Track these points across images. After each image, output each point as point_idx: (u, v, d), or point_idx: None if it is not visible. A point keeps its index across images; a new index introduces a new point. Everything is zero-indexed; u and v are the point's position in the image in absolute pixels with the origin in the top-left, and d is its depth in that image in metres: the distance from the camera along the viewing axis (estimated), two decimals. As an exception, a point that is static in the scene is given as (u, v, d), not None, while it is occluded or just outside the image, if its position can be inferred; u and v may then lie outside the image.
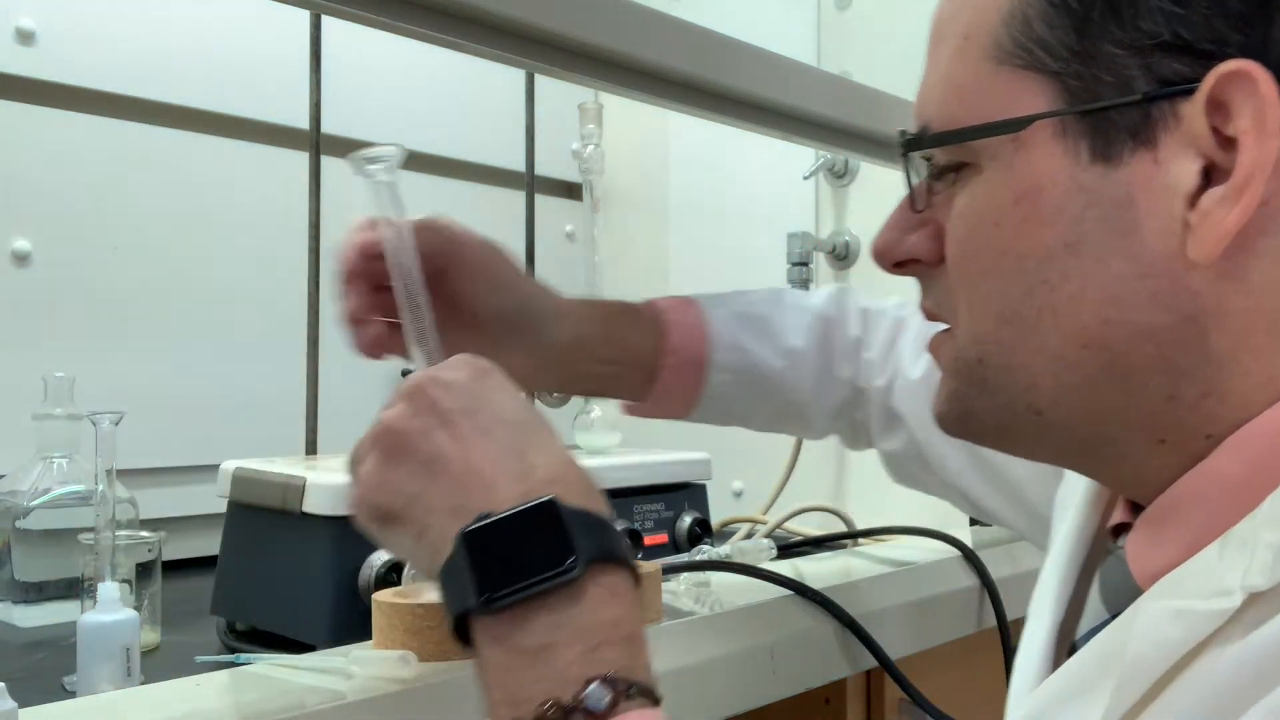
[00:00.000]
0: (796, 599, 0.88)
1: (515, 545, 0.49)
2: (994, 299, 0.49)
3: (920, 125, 0.52)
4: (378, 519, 0.55)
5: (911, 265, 0.55)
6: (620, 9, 0.86)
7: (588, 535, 0.50)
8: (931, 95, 0.52)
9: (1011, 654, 1.03)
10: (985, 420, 0.52)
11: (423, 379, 0.57)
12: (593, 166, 1.30)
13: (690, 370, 0.84)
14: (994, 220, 0.48)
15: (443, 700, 0.63)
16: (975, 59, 0.49)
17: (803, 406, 0.89)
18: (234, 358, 1.40)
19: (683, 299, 0.87)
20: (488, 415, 0.55)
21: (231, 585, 0.98)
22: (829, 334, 0.89)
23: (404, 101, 1.62)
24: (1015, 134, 0.47)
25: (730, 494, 1.70)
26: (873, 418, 0.90)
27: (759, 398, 0.87)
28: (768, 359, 0.86)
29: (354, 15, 0.73)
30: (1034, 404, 0.49)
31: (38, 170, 1.27)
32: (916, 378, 0.86)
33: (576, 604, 0.49)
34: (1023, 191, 0.47)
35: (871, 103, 1.13)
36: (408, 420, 0.55)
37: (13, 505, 1.01)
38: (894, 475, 0.94)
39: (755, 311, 0.88)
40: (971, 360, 0.51)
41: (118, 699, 0.64)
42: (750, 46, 0.98)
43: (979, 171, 0.49)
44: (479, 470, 0.53)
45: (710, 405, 0.86)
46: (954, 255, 0.51)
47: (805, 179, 1.67)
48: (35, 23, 1.26)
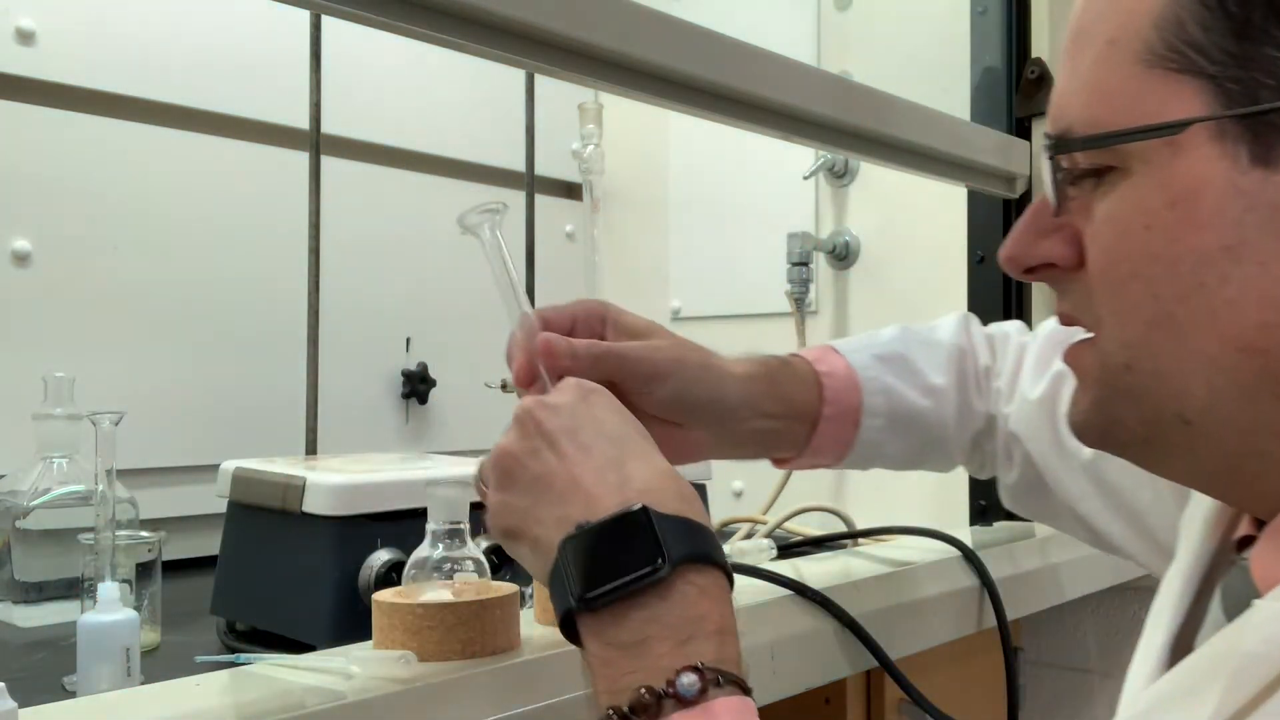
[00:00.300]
0: (796, 599, 0.88)
1: (609, 549, 0.54)
2: (1144, 304, 0.48)
3: (1060, 129, 0.51)
4: (504, 537, 0.61)
5: (1044, 271, 0.54)
6: (620, 9, 0.86)
7: (677, 538, 0.54)
8: (1074, 99, 0.51)
9: (1011, 654, 1.03)
10: (1131, 430, 0.51)
11: (531, 404, 0.62)
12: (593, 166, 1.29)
13: (846, 419, 0.84)
14: (1145, 224, 0.48)
15: (443, 700, 0.63)
16: (1123, 63, 0.48)
17: (945, 441, 0.89)
18: (234, 358, 1.40)
19: (823, 347, 0.87)
20: (589, 432, 0.59)
21: (231, 585, 0.98)
22: (964, 366, 0.89)
23: (404, 101, 1.62)
24: (1171, 137, 0.46)
25: (730, 494, 1.70)
26: (999, 446, 0.90)
27: (905, 437, 0.87)
28: (913, 398, 0.87)
29: (354, 15, 0.73)
30: (1183, 412, 0.48)
31: (38, 170, 1.27)
32: (1035, 398, 0.85)
33: (666, 601, 0.52)
34: (1178, 195, 0.47)
35: (871, 103, 1.13)
36: (518, 443, 0.60)
37: (13, 505, 1.01)
38: (1015, 507, 0.93)
39: (893, 351, 0.88)
40: (1119, 367, 0.50)
41: (118, 699, 0.64)
42: (750, 46, 0.98)
43: (1126, 175, 0.48)
44: (581, 483, 0.57)
45: (861, 451, 0.86)
46: (1099, 260, 0.50)
47: (805, 179, 1.67)
48: (35, 23, 1.26)
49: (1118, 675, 0.56)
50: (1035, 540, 1.24)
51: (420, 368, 1.60)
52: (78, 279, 1.29)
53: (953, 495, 1.44)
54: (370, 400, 1.57)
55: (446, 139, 1.69)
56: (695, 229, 1.84)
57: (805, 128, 1.07)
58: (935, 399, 0.88)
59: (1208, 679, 0.43)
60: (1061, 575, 1.20)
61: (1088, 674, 1.43)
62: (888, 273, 1.63)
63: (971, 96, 1.44)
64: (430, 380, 1.61)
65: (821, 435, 0.83)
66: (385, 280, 1.58)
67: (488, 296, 0.84)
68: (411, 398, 1.60)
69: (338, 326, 1.28)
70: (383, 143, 1.60)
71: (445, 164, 1.69)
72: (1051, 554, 1.21)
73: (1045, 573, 1.18)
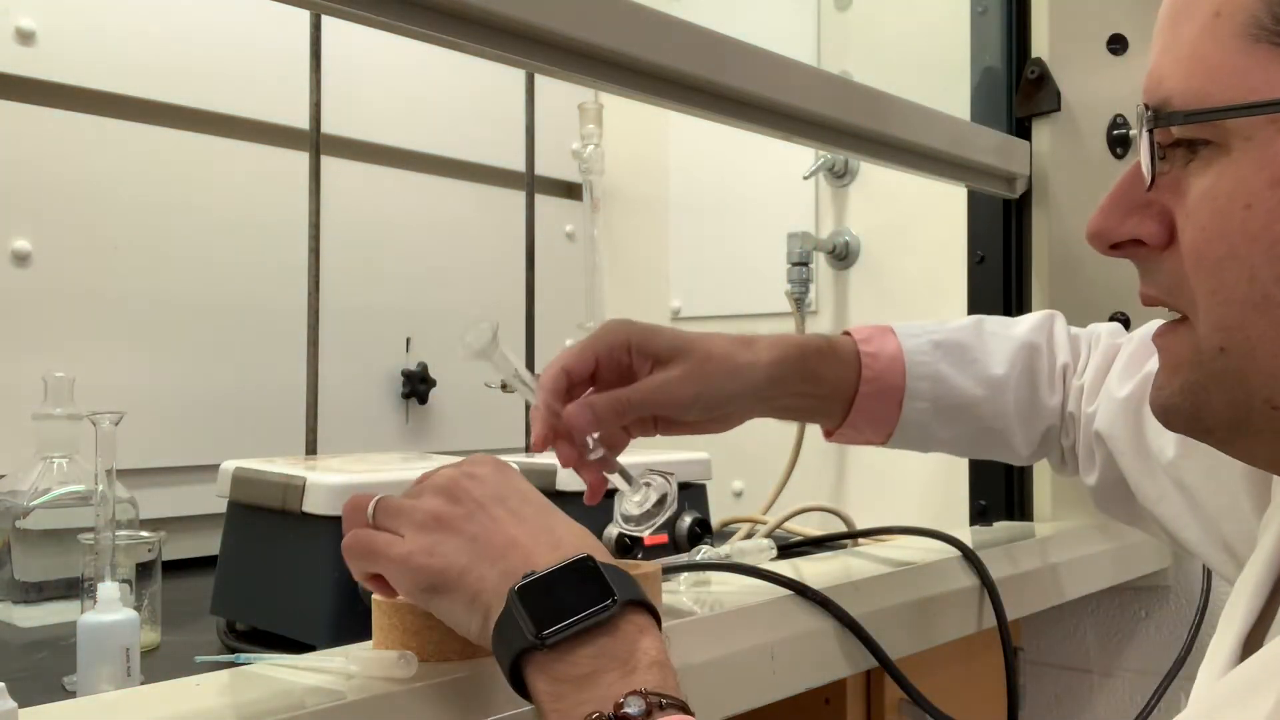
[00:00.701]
0: (796, 599, 0.88)
1: (561, 591, 0.57)
2: (1240, 285, 0.47)
3: (1158, 101, 0.50)
4: (428, 589, 0.62)
5: (1130, 247, 0.53)
6: (620, 9, 0.86)
7: (619, 583, 0.58)
8: (1174, 71, 0.49)
9: (1011, 654, 1.03)
10: (1219, 414, 0.51)
11: (454, 473, 0.65)
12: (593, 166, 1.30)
13: (886, 399, 0.87)
14: (1245, 203, 0.47)
15: (443, 700, 0.63)
16: (1228, 36, 0.47)
17: (1005, 433, 0.90)
18: (234, 358, 1.40)
19: (881, 328, 0.89)
20: (516, 500, 0.64)
21: (231, 585, 0.98)
22: (1033, 361, 0.90)
23: (404, 101, 1.62)
24: (1276, 114, 0.46)
25: (730, 494, 1.70)
26: (1079, 444, 0.90)
27: (957, 425, 0.89)
28: (966, 387, 0.88)
29: (354, 15, 0.73)
30: (1273, 398, 0.48)
31: (38, 170, 1.27)
32: (1121, 397, 0.85)
33: (613, 636, 0.56)
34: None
35: (871, 103, 1.13)
36: (449, 508, 0.63)
37: (13, 505, 1.01)
38: (1104, 509, 0.94)
39: (954, 339, 0.89)
40: (1214, 350, 0.49)
41: (118, 699, 0.64)
42: (750, 46, 0.98)
43: (1226, 152, 0.47)
44: (519, 542, 0.61)
45: (907, 432, 0.89)
46: (1195, 239, 0.49)
47: (805, 179, 1.67)
48: (35, 23, 1.26)
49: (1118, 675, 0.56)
50: (1035, 540, 1.24)
51: (420, 368, 1.60)
52: (78, 279, 1.29)
53: (953, 495, 1.45)
54: (370, 400, 1.57)
55: (446, 139, 1.69)
56: (695, 229, 1.84)
57: (805, 128, 1.07)
58: (992, 389, 0.89)
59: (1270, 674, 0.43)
60: (1061, 575, 1.20)
61: (1088, 674, 1.43)
62: (888, 273, 1.63)
63: (971, 96, 1.44)
64: (430, 380, 1.61)
65: (859, 411, 0.87)
66: (385, 280, 1.58)
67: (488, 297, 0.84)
68: (411, 398, 1.60)
69: (338, 326, 1.28)
70: (383, 143, 1.60)
71: (445, 164, 1.69)
72: (1051, 554, 1.21)
73: (1045, 573, 1.18)
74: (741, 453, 1.63)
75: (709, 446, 1.23)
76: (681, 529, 1.15)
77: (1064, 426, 0.92)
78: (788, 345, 0.84)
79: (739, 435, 0.90)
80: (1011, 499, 1.39)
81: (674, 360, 0.78)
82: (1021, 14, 1.41)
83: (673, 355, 0.78)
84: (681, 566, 0.93)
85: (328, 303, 1.17)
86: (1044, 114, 1.38)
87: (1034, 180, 1.39)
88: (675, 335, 0.80)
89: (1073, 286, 1.35)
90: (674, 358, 0.78)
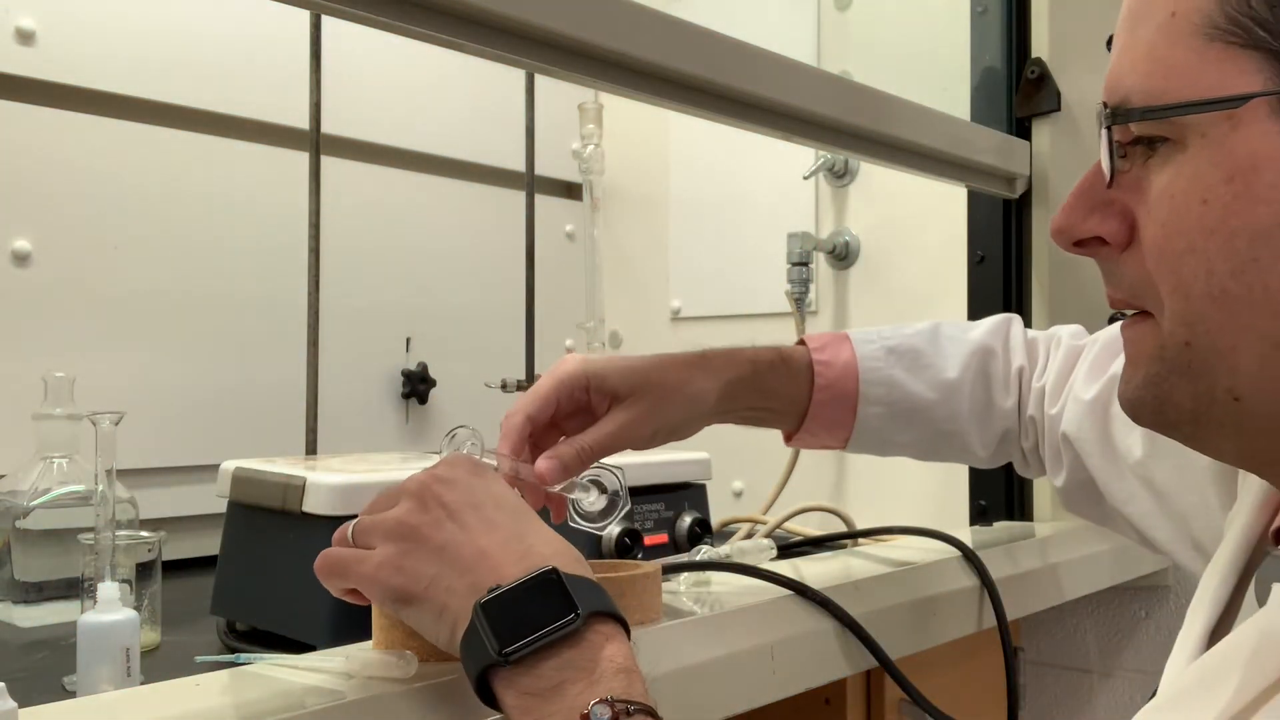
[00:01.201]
0: (796, 599, 0.88)
1: (524, 607, 0.57)
2: (1200, 278, 0.48)
3: (1117, 100, 0.51)
4: (397, 599, 0.62)
5: (1093, 245, 0.54)
6: (620, 9, 0.86)
7: (583, 594, 0.58)
8: (1133, 70, 0.50)
9: (1011, 654, 1.03)
10: (1183, 407, 0.51)
11: (426, 479, 0.64)
12: (593, 166, 1.30)
13: (841, 405, 0.90)
14: (1202, 198, 0.48)
15: (443, 700, 0.63)
16: (1184, 35, 0.48)
17: (961, 436, 0.92)
18: (234, 358, 1.40)
19: (837, 335, 0.91)
20: (488, 507, 0.63)
21: (231, 585, 0.98)
22: (988, 365, 0.92)
23: (404, 101, 1.62)
24: (1230, 111, 0.47)
25: (730, 494, 1.70)
26: (1045, 446, 0.92)
27: (913, 428, 0.91)
28: (920, 391, 0.90)
29: (354, 15, 0.73)
30: (1234, 388, 0.49)
31: (38, 170, 1.27)
32: (1088, 399, 0.86)
33: (578, 648, 0.57)
34: (1236, 170, 0.47)
35: (871, 103, 1.13)
36: (418, 515, 0.63)
37: (13, 505, 1.01)
38: (1072, 509, 0.95)
39: (908, 345, 0.91)
40: (1178, 344, 0.50)
41: (118, 699, 0.64)
42: (750, 46, 0.98)
43: (1182, 149, 0.48)
44: (487, 553, 0.60)
45: (864, 436, 0.91)
46: (1154, 235, 0.50)
47: (805, 179, 1.67)
48: (35, 23, 1.26)
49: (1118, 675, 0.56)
50: (1035, 540, 1.24)
51: (420, 368, 1.60)
52: (78, 279, 1.29)
53: (953, 495, 1.45)
54: (370, 400, 1.57)
55: (446, 139, 1.69)
56: (695, 229, 1.84)
57: (805, 128, 1.07)
58: (946, 393, 0.91)
59: (1230, 664, 0.44)
60: (1061, 575, 1.20)
61: (1088, 674, 1.43)
62: (888, 273, 1.63)
63: (971, 96, 1.44)
64: (430, 380, 1.61)
65: (814, 418, 0.90)
66: (385, 280, 1.58)
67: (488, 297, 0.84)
68: (411, 398, 1.60)
69: (338, 326, 1.28)
70: (383, 143, 1.60)
71: (445, 164, 1.69)
72: (1051, 554, 1.21)
73: (1045, 573, 1.18)
74: (741, 453, 1.64)
75: (709, 446, 1.23)
76: (681, 529, 1.15)
77: (1022, 429, 0.94)
78: (740, 364, 0.85)
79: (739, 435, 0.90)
80: (1011, 499, 1.39)
81: (631, 398, 0.80)
82: (1021, 14, 1.41)
83: (630, 392, 0.80)
84: (681, 566, 0.93)
85: (328, 302, 1.17)
86: (1044, 114, 1.38)
87: (1034, 180, 1.39)
88: (630, 371, 0.81)
89: (1072, 286, 1.35)
90: (631, 394, 0.80)
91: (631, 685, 0.56)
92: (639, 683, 0.57)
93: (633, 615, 0.76)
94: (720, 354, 0.85)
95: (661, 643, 0.75)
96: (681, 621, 0.79)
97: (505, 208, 1.64)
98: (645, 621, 0.77)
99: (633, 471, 1.14)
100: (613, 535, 1.08)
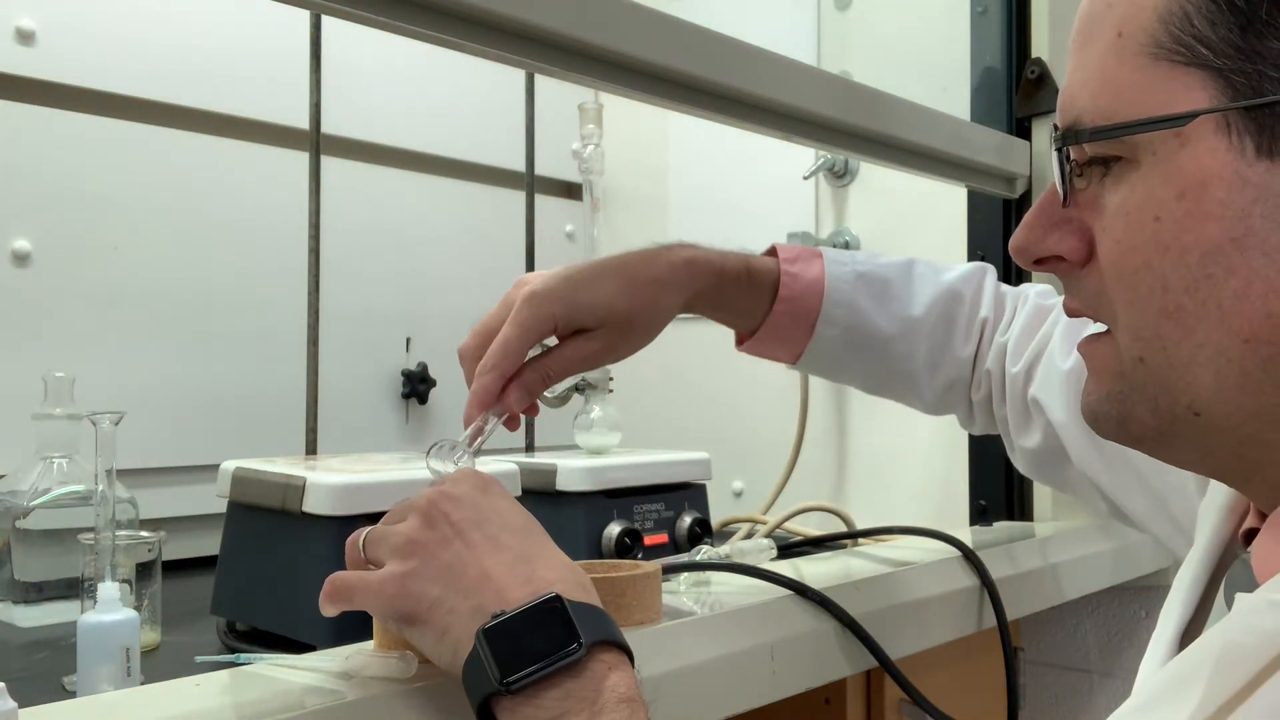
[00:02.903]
0: (796, 599, 0.88)
1: (527, 635, 0.57)
2: (1154, 295, 0.49)
3: (1069, 120, 0.52)
4: (404, 619, 0.62)
5: (1053, 263, 0.55)
6: (620, 9, 0.86)
7: (587, 623, 0.58)
8: (1083, 91, 0.51)
9: (1011, 654, 1.03)
10: (1145, 423, 0.52)
11: (435, 495, 0.64)
12: (593, 166, 1.30)
13: (800, 321, 0.88)
14: (1154, 215, 0.48)
15: (443, 700, 0.63)
16: (1131, 55, 0.49)
17: (912, 376, 0.92)
18: (234, 358, 1.40)
19: (810, 249, 0.90)
20: (494, 525, 0.63)
21: (231, 585, 0.98)
22: (953, 309, 0.91)
23: (404, 101, 1.62)
24: (1178, 129, 0.47)
25: (730, 494, 1.70)
26: (1008, 406, 0.91)
27: (865, 359, 0.90)
28: (880, 323, 0.89)
29: (354, 15, 0.73)
30: (1193, 404, 0.49)
31: (38, 170, 1.27)
32: (1066, 369, 0.86)
33: (580, 678, 0.56)
34: (1186, 187, 0.47)
35: (871, 103, 1.13)
36: (425, 532, 0.62)
37: (13, 505, 1.01)
38: (1033, 473, 0.94)
39: (880, 274, 0.90)
40: (1134, 359, 0.51)
41: (118, 699, 0.64)
42: (750, 46, 0.98)
43: (1135, 167, 0.49)
44: (492, 576, 0.60)
45: (816, 356, 0.90)
46: (1111, 252, 0.51)
47: (805, 179, 1.67)
48: (35, 23, 1.26)
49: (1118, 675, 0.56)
50: (1035, 540, 1.24)
51: (420, 368, 1.60)
52: (78, 279, 1.29)
53: (953, 495, 1.45)
54: (370, 400, 1.57)
55: (446, 139, 1.69)
56: (695, 229, 1.83)
57: (805, 128, 1.07)
58: (906, 329, 0.90)
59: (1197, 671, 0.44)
60: (1061, 575, 1.20)
61: (1088, 674, 1.43)
62: (888, 273, 1.63)
63: (971, 96, 1.44)
64: (430, 380, 1.61)
65: (770, 328, 0.89)
66: (385, 280, 1.58)
67: (488, 297, 0.85)
68: (411, 398, 1.60)
69: (338, 326, 1.28)
70: (383, 143, 1.60)
71: (445, 164, 1.69)
72: (1051, 554, 1.21)
73: (1045, 573, 1.18)
74: (741, 453, 1.64)
75: (709, 446, 1.23)
76: (681, 529, 1.15)
77: (975, 380, 0.93)
78: (707, 274, 0.85)
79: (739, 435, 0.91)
80: (1011, 499, 1.39)
81: (598, 331, 0.80)
82: (1021, 14, 1.41)
83: (599, 324, 0.80)
84: (681, 566, 0.93)
85: (328, 302, 1.17)
86: (1044, 114, 1.38)
87: (1034, 180, 1.39)
88: (596, 302, 0.80)
89: (1073, 286, 1.35)
90: (600, 325, 0.80)
91: (634, 715, 0.56)
92: (641, 712, 0.57)
93: (633, 615, 0.76)
94: (686, 261, 0.84)
95: (661, 643, 0.75)
96: (681, 621, 0.79)
97: (505, 208, 1.64)
98: (645, 621, 0.77)
99: (633, 472, 1.14)
100: (612, 535, 1.08)
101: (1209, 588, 0.56)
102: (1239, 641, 0.42)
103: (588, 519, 1.09)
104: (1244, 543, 0.54)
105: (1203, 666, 0.43)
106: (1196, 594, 0.56)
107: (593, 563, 0.84)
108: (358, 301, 1.50)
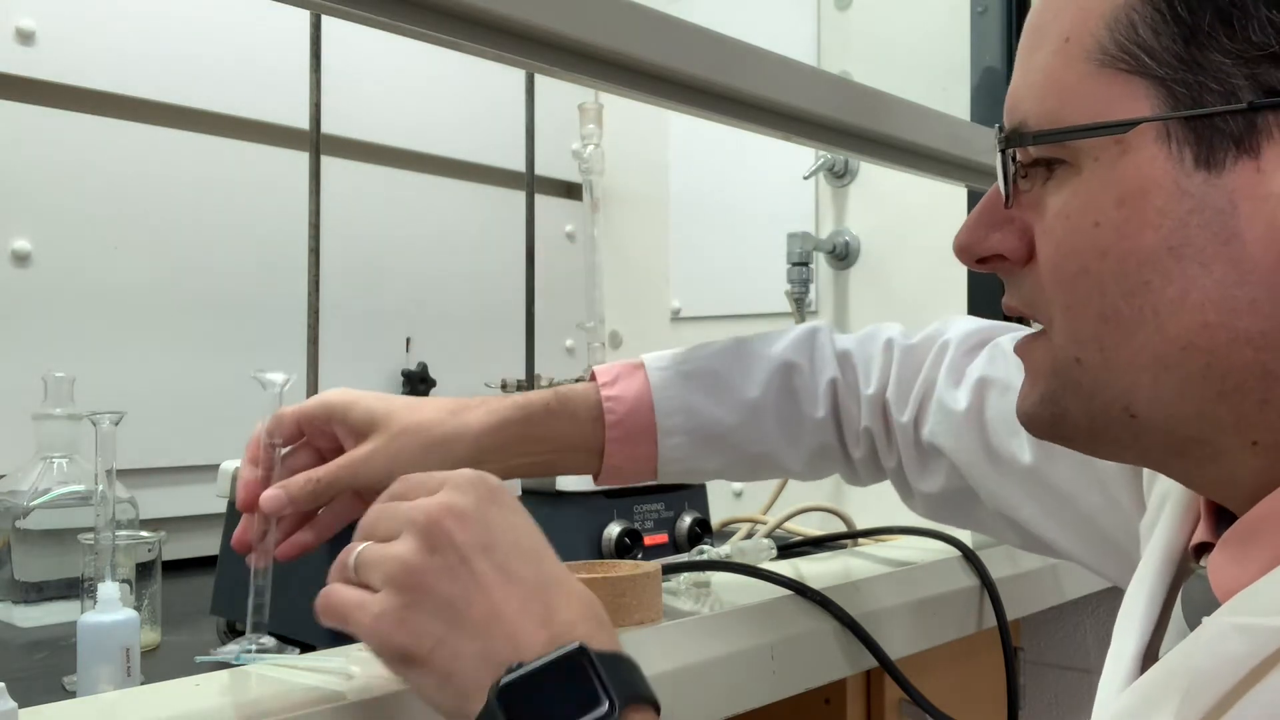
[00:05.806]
0: (796, 599, 0.88)
1: (549, 695, 0.51)
2: (1093, 299, 0.49)
3: (1014, 122, 0.52)
4: (400, 659, 0.56)
5: (995, 262, 0.55)
6: (620, 9, 0.85)
7: (616, 679, 0.52)
8: (1029, 93, 0.52)
9: (1011, 654, 1.03)
10: (1078, 423, 0.52)
11: (437, 511, 0.57)
12: (593, 166, 1.30)
13: (640, 439, 0.84)
14: (1094, 220, 0.48)
15: (443, 700, 0.63)
16: (1077, 60, 0.49)
17: (772, 456, 0.88)
18: (234, 358, 1.40)
19: (631, 364, 0.86)
20: (504, 548, 0.57)
21: (231, 585, 0.98)
22: (791, 381, 0.87)
23: (404, 101, 1.62)
24: (1119, 136, 0.47)
25: (730, 494, 1.70)
26: (903, 456, 0.87)
27: (719, 452, 0.87)
28: (719, 415, 0.85)
29: (354, 15, 0.73)
30: (1129, 406, 0.49)
31: (38, 170, 1.27)
32: (961, 410, 0.83)
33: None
34: (1126, 193, 0.47)
35: (871, 103, 1.13)
36: (425, 558, 0.56)
37: (13, 505, 1.01)
38: (935, 516, 0.91)
39: (706, 367, 0.87)
40: (1070, 360, 0.51)
41: (118, 699, 0.64)
42: (750, 46, 0.97)
43: (1077, 171, 0.49)
44: (503, 615, 0.54)
45: (670, 467, 0.86)
46: (1050, 255, 0.51)
47: (805, 179, 1.67)
48: (35, 23, 1.26)
49: (1118, 675, 0.56)
50: (1035, 540, 1.24)
51: (420, 368, 1.60)
52: (78, 279, 1.29)
53: (953, 495, 1.45)
54: (370, 400, 1.56)
55: (446, 139, 1.68)
56: (695, 229, 1.84)
57: (805, 128, 1.07)
58: (748, 414, 0.86)
59: (1164, 694, 0.43)
60: (1061, 575, 1.20)
61: (1088, 674, 1.43)
62: (888, 273, 1.63)
63: (971, 96, 1.44)
64: (430, 380, 1.61)
65: (613, 456, 0.84)
66: (385, 280, 1.58)
67: (488, 297, 0.84)
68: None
69: (338, 326, 1.27)
70: (383, 143, 1.60)
71: (445, 164, 1.69)
72: (1051, 554, 1.21)
73: (1045, 573, 1.18)
74: (741, 453, 1.63)
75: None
76: (681, 529, 1.15)
77: (850, 441, 0.88)
78: (508, 409, 0.80)
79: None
80: (1011, 499, 1.39)
81: (368, 435, 0.76)
82: (1021, 14, 1.41)
83: (368, 429, 0.76)
84: (681, 566, 0.93)
85: (328, 303, 1.17)
86: (1044, 114, 1.38)
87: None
88: (374, 407, 0.77)
89: (1073, 286, 1.35)
90: (369, 432, 0.76)
91: None
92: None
93: (633, 615, 0.76)
94: (490, 399, 0.81)
95: (661, 643, 0.75)
96: (681, 621, 0.79)
97: (505, 208, 1.64)
98: (645, 621, 0.77)
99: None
100: (613, 535, 1.08)
101: (1166, 603, 0.55)
102: (1206, 667, 0.42)
103: (587, 519, 1.09)
104: (1194, 556, 0.54)
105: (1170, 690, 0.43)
106: (1155, 610, 0.55)
107: (593, 563, 0.84)
108: (358, 302, 1.50)
